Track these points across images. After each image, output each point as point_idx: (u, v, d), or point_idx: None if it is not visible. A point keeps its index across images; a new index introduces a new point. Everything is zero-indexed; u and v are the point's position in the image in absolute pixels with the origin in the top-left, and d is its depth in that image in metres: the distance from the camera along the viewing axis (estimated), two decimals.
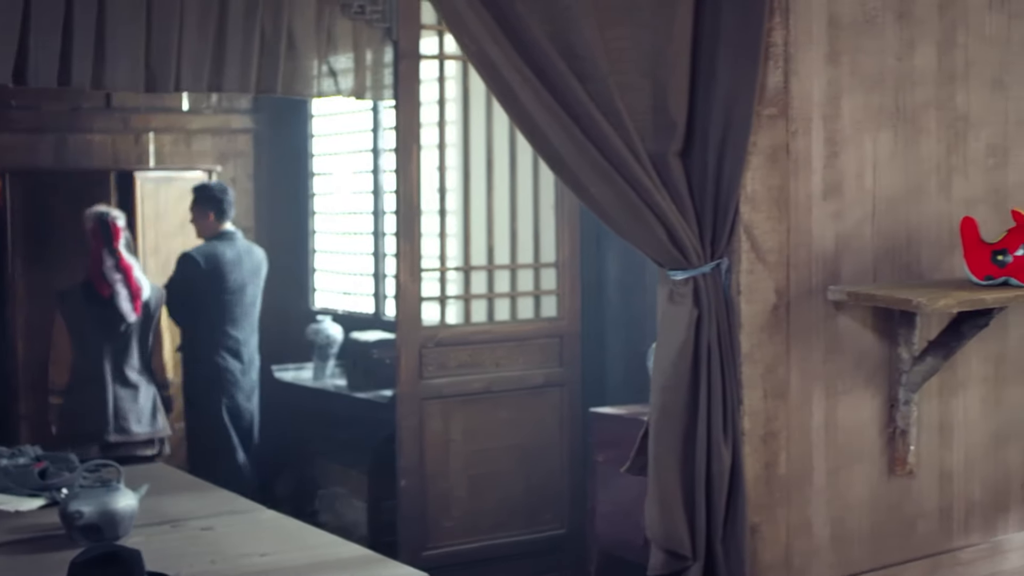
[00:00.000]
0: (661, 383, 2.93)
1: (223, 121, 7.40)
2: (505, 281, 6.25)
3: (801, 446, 3.10)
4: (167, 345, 6.25)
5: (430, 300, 6.07)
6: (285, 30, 5.76)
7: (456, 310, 6.20)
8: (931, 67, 3.27)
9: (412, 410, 6.03)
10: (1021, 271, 3.06)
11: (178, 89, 5.55)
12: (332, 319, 7.22)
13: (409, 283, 5.94)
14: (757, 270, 2.98)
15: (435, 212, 6.05)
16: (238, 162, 7.47)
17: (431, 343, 6.04)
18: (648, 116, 2.85)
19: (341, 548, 4.99)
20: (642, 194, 2.81)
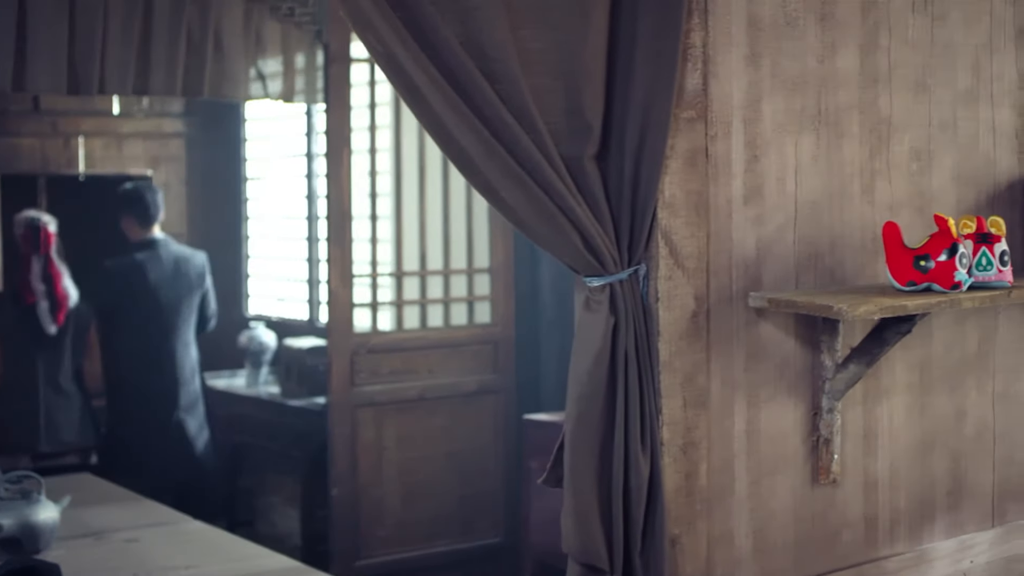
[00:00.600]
0: (576, 392, 2.84)
1: (155, 125, 7.27)
2: (438, 287, 6.17)
3: (722, 456, 3.02)
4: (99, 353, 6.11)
5: (362, 306, 5.98)
6: (212, 32, 5.65)
7: (388, 316, 6.11)
8: (853, 70, 3.20)
9: (344, 418, 5.93)
10: (944, 277, 3.00)
11: (102, 92, 5.42)
12: (266, 325, 7.10)
13: (340, 289, 5.84)
14: (676, 276, 2.90)
15: (367, 217, 5.96)
16: (170, 166, 7.34)
17: (363, 350, 5.94)
18: (563, 119, 2.76)
19: (268, 560, 4.87)
20: (556, 199, 2.72)
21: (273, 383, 6.86)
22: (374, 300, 6.01)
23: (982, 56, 3.46)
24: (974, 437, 3.51)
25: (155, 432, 6.24)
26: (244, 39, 5.74)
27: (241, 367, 7.00)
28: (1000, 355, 3.55)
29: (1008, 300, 3.09)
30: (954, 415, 3.46)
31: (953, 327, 3.44)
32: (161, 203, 6.14)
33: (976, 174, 3.47)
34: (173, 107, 7.26)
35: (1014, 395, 3.59)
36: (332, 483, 5.89)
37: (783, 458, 3.13)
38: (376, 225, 5.99)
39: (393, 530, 6.02)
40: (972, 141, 3.45)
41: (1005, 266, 3.09)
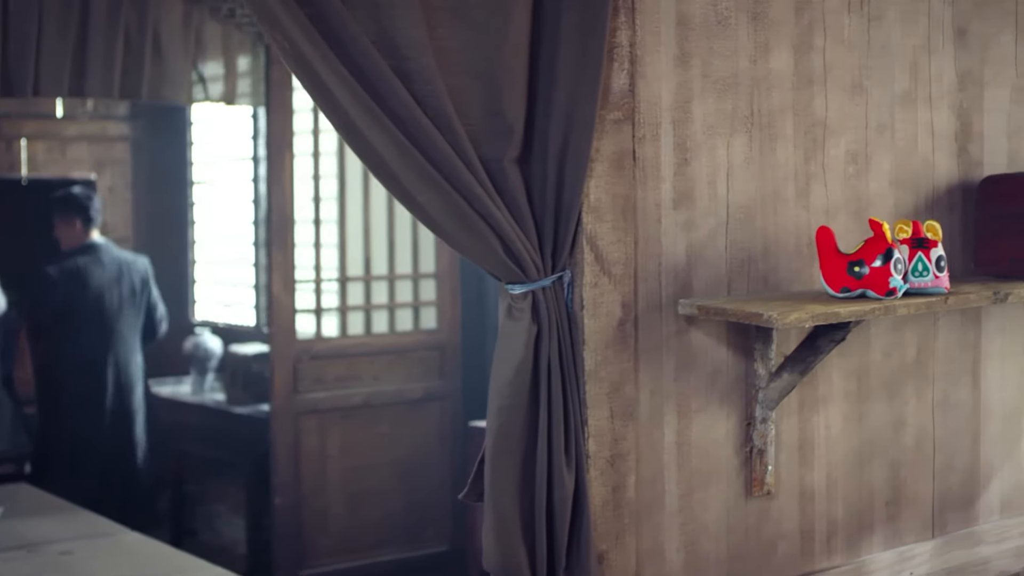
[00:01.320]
0: (497, 404, 2.72)
1: (100, 128, 7.10)
2: (383, 292, 6.04)
3: (652, 468, 2.91)
4: (31, 360, 5.94)
5: (305, 312, 5.85)
6: (150, 33, 5.50)
7: (332, 322, 5.98)
8: (787, 70, 3.09)
9: (287, 426, 5.80)
10: (878, 283, 2.89)
11: (36, 93, 5.26)
12: (212, 331, 6.95)
13: (283, 294, 5.71)
14: (602, 283, 2.78)
15: (310, 221, 5.83)
16: (115, 170, 7.18)
17: (306, 356, 5.81)
18: (483, 120, 2.64)
19: (205, 571, 4.75)
20: (474, 203, 2.60)
21: (219, 390, 6.72)
22: (318, 306, 5.88)
23: (920, 57, 3.36)
24: (913, 446, 3.41)
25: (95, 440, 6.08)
26: (184, 41, 5.59)
27: (187, 374, 6.85)
28: (939, 362, 3.45)
29: (945, 307, 2.99)
30: (893, 424, 3.36)
31: (891, 334, 3.33)
32: (99, 207, 5.97)
33: (914, 177, 3.37)
34: (118, 110, 7.10)
35: (954, 403, 3.49)
36: (274, 492, 5.75)
37: (715, 470, 3.01)
38: (320, 229, 5.86)
39: (337, 539, 5.90)
40: (910, 144, 3.35)
41: (942, 272, 2.99)
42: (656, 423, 2.91)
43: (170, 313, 7.20)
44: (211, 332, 6.87)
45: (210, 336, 6.76)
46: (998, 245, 3.41)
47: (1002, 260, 3.41)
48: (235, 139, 6.87)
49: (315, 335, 5.88)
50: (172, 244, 7.29)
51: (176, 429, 6.71)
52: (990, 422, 3.58)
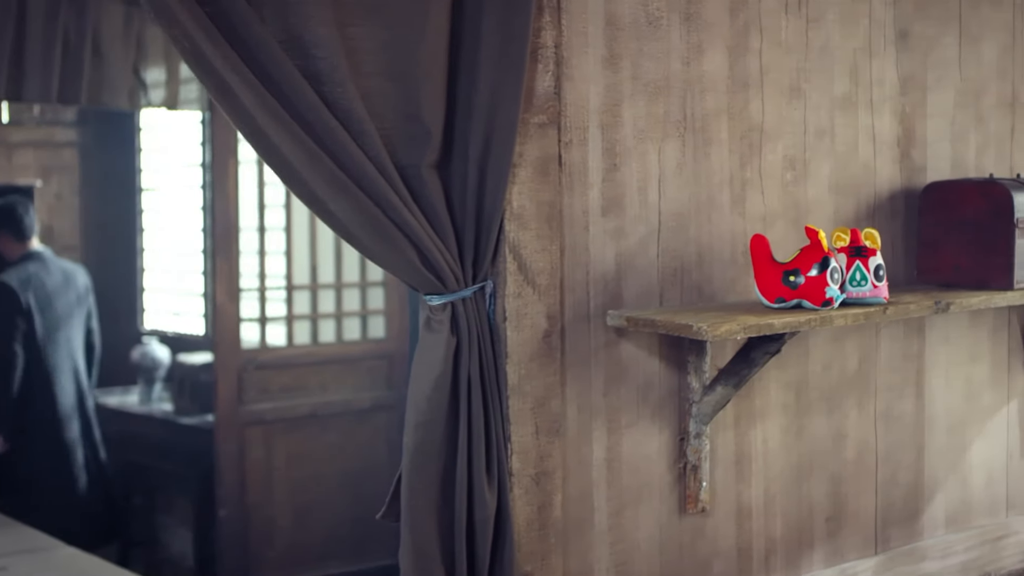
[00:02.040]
0: (415, 420, 2.57)
1: (46, 134, 6.91)
2: (330, 300, 5.88)
3: (580, 486, 2.77)
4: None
5: (250, 321, 5.69)
6: (90, 37, 5.33)
7: (278, 331, 5.82)
8: (722, 73, 2.96)
9: (231, 437, 5.64)
10: (814, 293, 2.76)
11: None
12: (160, 341, 6.78)
13: (227, 303, 5.55)
14: (525, 294, 2.64)
15: (255, 229, 5.67)
16: (63, 177, 6.99)
17: (251, 366, 5.65)
18: (398, 124, 2.49)
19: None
20: (388, 211, 2.45)
21: (167, 400, 6.54)
22: (263, 314, 5.72)
23: (861, 60, 3.24)
24: (855, 459, 3.28)
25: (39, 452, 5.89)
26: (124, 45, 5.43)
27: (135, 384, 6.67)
28: (882, 373, 3.32)
29: (884, 317, 2.86)
30: (833, 437, 3.23)
31: (831, 345, 3.21)
32: (35, 215, 5.79)
33: (855, 184, 3.24)
34: (65, 115, 6.91)
35: (897, 415, 3.37)
36: (219, 504, 5.59)
37: (647, 487, 2.88)
38: (265, 237, 5.70)
39: (284, 551, 5.73)
40: (850, 149, 3.23)
41: (880, 281, 2.86)
42: (584, 439, 2.77)
43: (118, 322, 7.03)
44: (160, 341, 6.70)
45: (158, 345, 6.58)
46: (941, 253, 3.29)
47: (945, 268, 3.29)
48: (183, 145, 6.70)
49: (260, 344, 5.71)
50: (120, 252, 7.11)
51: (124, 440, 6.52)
52: (935, 434, 3.46)
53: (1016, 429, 3.66)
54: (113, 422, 6.51)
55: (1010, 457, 3.65)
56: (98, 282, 6.86)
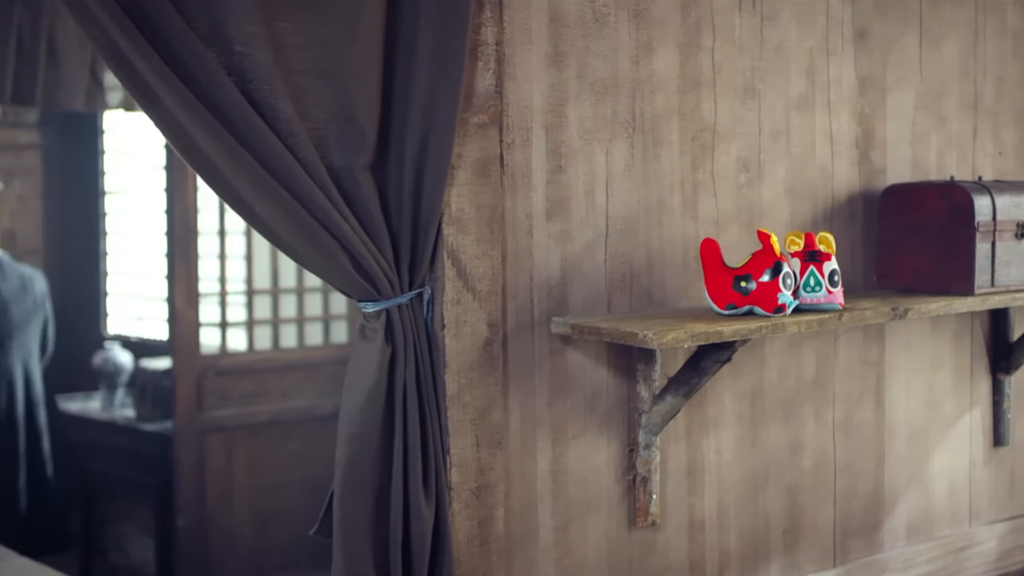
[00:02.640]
0: (348, 433, 2.45)
1: (8, 136, 6.74)
2: (291, 305, 5.74)
3: (524, 499, 2.65)
4: None
5: (210, 326, 5.54)
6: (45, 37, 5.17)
7: (239, 336, 5.68)
8: (672, 72, 2.84)
9: (190, 444, 5.49)
10: (766, 299, 2.65)
11: None
12: (124, 346, 6.62)
13: (185, 308, 5.40)
14: (465, 300, 2.52)
15: (215, 232, 5.53)
16: (25, 179, 6.82)
17: (211, 372, 5.50)
18: (331, 123, 2.37)
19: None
20: (318, 214, 2.32)
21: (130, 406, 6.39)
22: (223, 319, 5.57)
23: (817, 59, 3.12)
24: (812, 470, 3.16)
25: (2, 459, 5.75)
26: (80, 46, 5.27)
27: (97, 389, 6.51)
28: (840, 381, 3.21)
29: (839, 324, 2.74)
30: (790, 447, 3.11)
31: (787, 352, 3.09)
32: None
33: (812, 186, 3.13)
34: (28, 117, 6.75)
35: (856, 424, 3.25)
36: (178, 513, 5.44)
37: (595, 500, 2.76)
38: (226, 240, 5.56)
39: (245, 562, 5.58)
40: (807, 151, 3.11)
41: (835, 287, 2.75)
42: (528, 451, 2.65)
43: (82, 326, 6.87)
44: (123, 346, 6.54)
45: (120, 350, 6.42)
46: (901, 258, 3.18)
47: (905, 273, 3.17)
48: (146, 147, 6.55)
49: (220, 350, 5.57)
50: (84, 255, 6.95)
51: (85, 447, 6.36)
52: (895, 443, 3.34)
53: (979, 437, 3.55)
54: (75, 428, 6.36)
55: (973, 465, 3.54)
56: (61, 286, 6.72)
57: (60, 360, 6.31)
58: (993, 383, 3.58)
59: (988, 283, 3.10)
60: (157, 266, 6.75)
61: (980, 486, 3.56)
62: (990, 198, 3.11)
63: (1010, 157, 3.59)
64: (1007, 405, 3.59)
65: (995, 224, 3.11)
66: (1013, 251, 3.15)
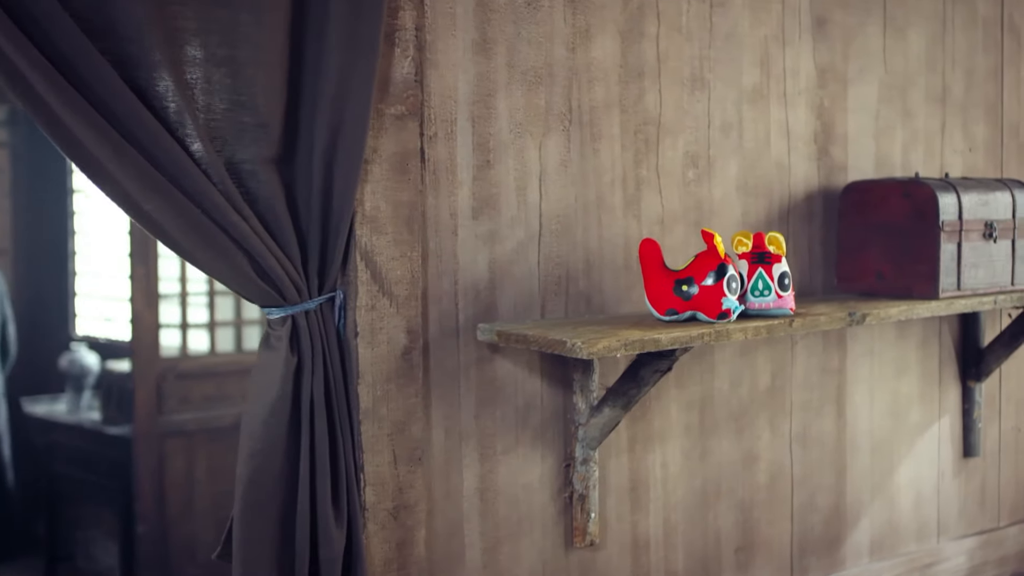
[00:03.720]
0: (249, 449, 2.23)
1: None
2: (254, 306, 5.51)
3: (448, 520, 2.42)
4: None
5: (169, 327, 5.32)
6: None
7: (200, 338, 5.45)
8: (613, 61, 2.62)
9: (150, 449, 5.26)
10: (709, 304, 2.42)
11: None
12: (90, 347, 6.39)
13: (144, 309, 5.17)
14: (381, 306, 2.29)
15: None
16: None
17: (171, 375, 5.27)
18: (228, 115, 2.14)
19: None
20: (212, 213, 2.09)
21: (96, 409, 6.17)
22: (184, 321, 5.35)
23: (773, 48, 2.89)
24: (767, 484, 2.93)
25: None
26: None
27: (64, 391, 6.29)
28: (798, 390, 2.98)
29: (790, 330, 2.51)
30: (743, 460, 2.88)
31: (739, 360, 2.86)
32: None
33: (767, 183, 2.90)
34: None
35: (815, 435, 3.02)
36: (138, 520, 5.21)
37: (528, 519, 2.53)
38: None
39: (207, 569, 5.35)
40: (761, 145, 2.88)
41: (786, 290, 2.52)
42: (453, 467, 2.42)
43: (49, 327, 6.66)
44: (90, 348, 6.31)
45: (86, 352, 6.20)
46: (862, 259, 2.95)
47: (867, 276, 2.95)
48: None
49: (181, 352, 5.34)
50: (52, 255, 6.73)
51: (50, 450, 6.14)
52: (857, 455, 3.11)
53: (948, 447, 3.32)
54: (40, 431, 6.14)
55: (941, 477, 3.31)
56: (29, 286, 6.50)
57: (28, 361, 6.09)
58: (963, 390, 3.35)
59: (954, 286, 2.87)
60: (122, 266, 6.53)
61: (949, 499, 3.33)
62: (956, 196, 2.88)
63: (981, 153, 3.36)
64: (978, 414, 3.36)
65: (961, 224, 2.88)
66: (981, 252, 2.93)
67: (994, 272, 2.96)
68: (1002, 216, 2.98)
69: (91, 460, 5.92)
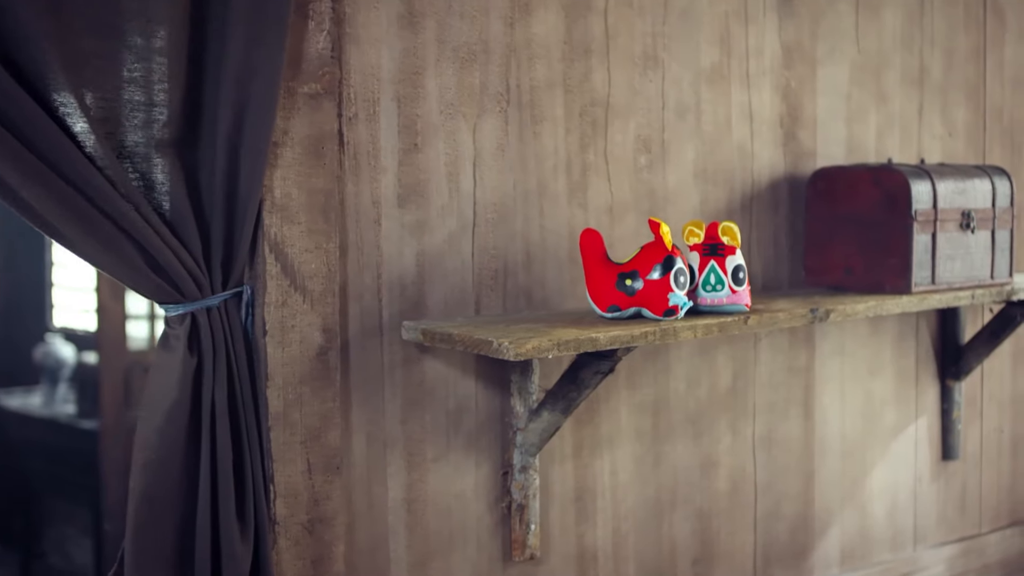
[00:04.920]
0: (143, 459, 2.00)
1: None
2: None
3: (370, 533, 2.19)
4: None
5: (137, 318, 5.09)
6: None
7: None
8: (556, 37, 2.38)
9: (116, 444, 5.04)
10: (655, 300, 2.18)
11: None
12: (68, 339, 6.18)
13: (110, 300, 4.96)
14: (293, 302, 2.06)
15: None
16: None
17: (139, 368, 5.05)
18: (118, 93, 1.91)
19: None
20: (97, 201, 1.87)
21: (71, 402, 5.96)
22: (152, 311, 5.12)
23: (734, 26, 2.65)
24: (728, 491, 2.70)
25: None
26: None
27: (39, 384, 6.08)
28: (761, 390, 2.74)
29: (745, 328, 2.28)
30: (701, 465, 2.65)
31: (697, 359, 2.63)
32: None
33: (727, 169, 2.66)
34: None
35: (781, 438, 2.79)
36: (104, 518, 5.00)
37: (461, 531, 2.30)
38: None
39: None
40: (721, 129, 2.65)
41: (740, 285, 2.28)
42: (376, 476, 2.20)
43: (26, 318, 6.45)
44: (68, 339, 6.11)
45: (62, 343, 5.99)
46: (831, 251, 2.71)
47: (836, 269, 2.71)
48: None
49: (149, 344, 5.12)
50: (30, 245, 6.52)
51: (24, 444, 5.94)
52: (826, 459, 2.88)
53: (925, 450, 3.09)
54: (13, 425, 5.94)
55: (918, 482, 3.08)
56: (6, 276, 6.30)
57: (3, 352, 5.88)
58: (942, 390, 3.12)
59: (928, 280, 2.64)
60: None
61: (926, 505, 3.09)
62: (931, 183, 2.64)
63: (962, 139, 3.12)
64: (957, 414, 3.12)
65: (936, 213, 2.64)
66: (958, 244, 2.69)
67: (972, 265, 2.72)
68: (981, 205, 2.74)
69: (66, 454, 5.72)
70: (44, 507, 5.99)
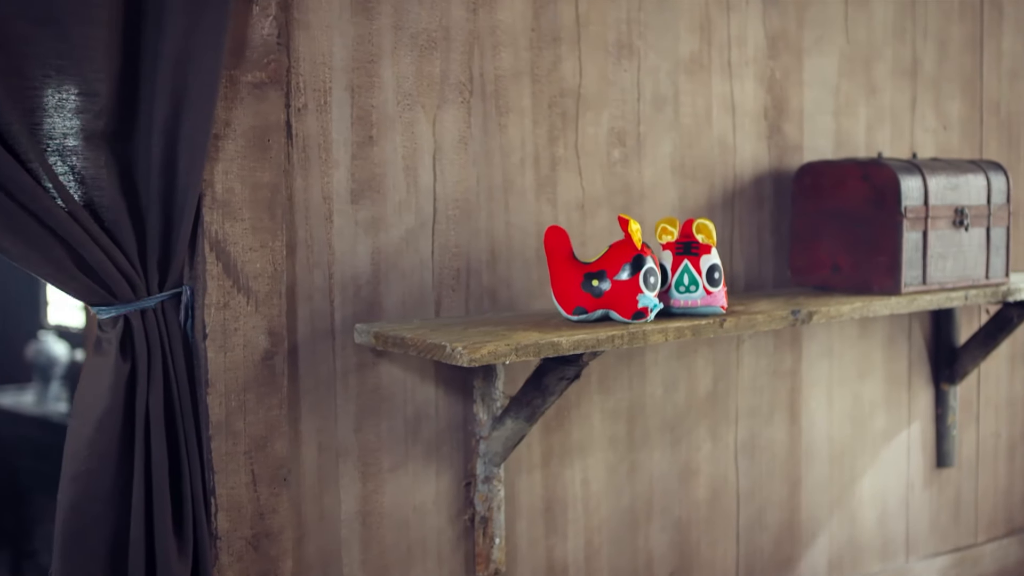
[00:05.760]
0: (72, 471, 1.86)
1: None
2: None
3: (321, 548, 2.05)
4: None
5: None
6: None
7: None
8: (523, 24, 2.23)
9: None
10: (623, 302, 2.03)
11: None
12: (61, 336, 6.06)
13: None
14: (235, 304, 1.91)
15: None
16: None
17: None
18: (49, 81, 1.77)
19: None
20: (20, 197, 1.73)
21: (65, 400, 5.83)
22: None
23: (715, 13, 2.50)
24: (709, 500, 2.55)
25: None
26: None
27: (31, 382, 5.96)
28: (744, 395, 2.59)
29: (720, 332, 2.12)
30: (679, 474, 2.50)
31: (675, 362, 2.48)
32: None
33: (707, 164, 2.51)
34: None
35: (764, 444, 2.63)
36: None
37: (420, 545, 2.15)
38: None
39: None
40: (701, 122, 2.49)
41: (715, 286, 2.13)
42: (328, 488, 2.05)
43: (20, 315, 6.34)
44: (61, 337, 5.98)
45: (54, 341, 5.87)
46: (817, 249, 2.56)
47: (822, 268, 2.55)
48: None
49: None
50: None
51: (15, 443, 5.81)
52: (813, 465, 2.73)
53: (919, 456, 2.93)
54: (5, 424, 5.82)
55: (910, 489, 2.92)
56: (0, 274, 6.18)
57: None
58: (936, 394, 2.96)
59: (918, 280, 2.48)
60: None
61: (919, 513, 2.93)
62: (921, 179, 2.48)
63: (956, 132, 2.95)
64: (952, 420, 2.96)
65: (927, 210, 2.48)
66: (950, 242, 2.53)
67: (965, 264, 2.56)
68: (975, 201, 2.58)
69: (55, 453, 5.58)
70: (35, 505, 5.87)
